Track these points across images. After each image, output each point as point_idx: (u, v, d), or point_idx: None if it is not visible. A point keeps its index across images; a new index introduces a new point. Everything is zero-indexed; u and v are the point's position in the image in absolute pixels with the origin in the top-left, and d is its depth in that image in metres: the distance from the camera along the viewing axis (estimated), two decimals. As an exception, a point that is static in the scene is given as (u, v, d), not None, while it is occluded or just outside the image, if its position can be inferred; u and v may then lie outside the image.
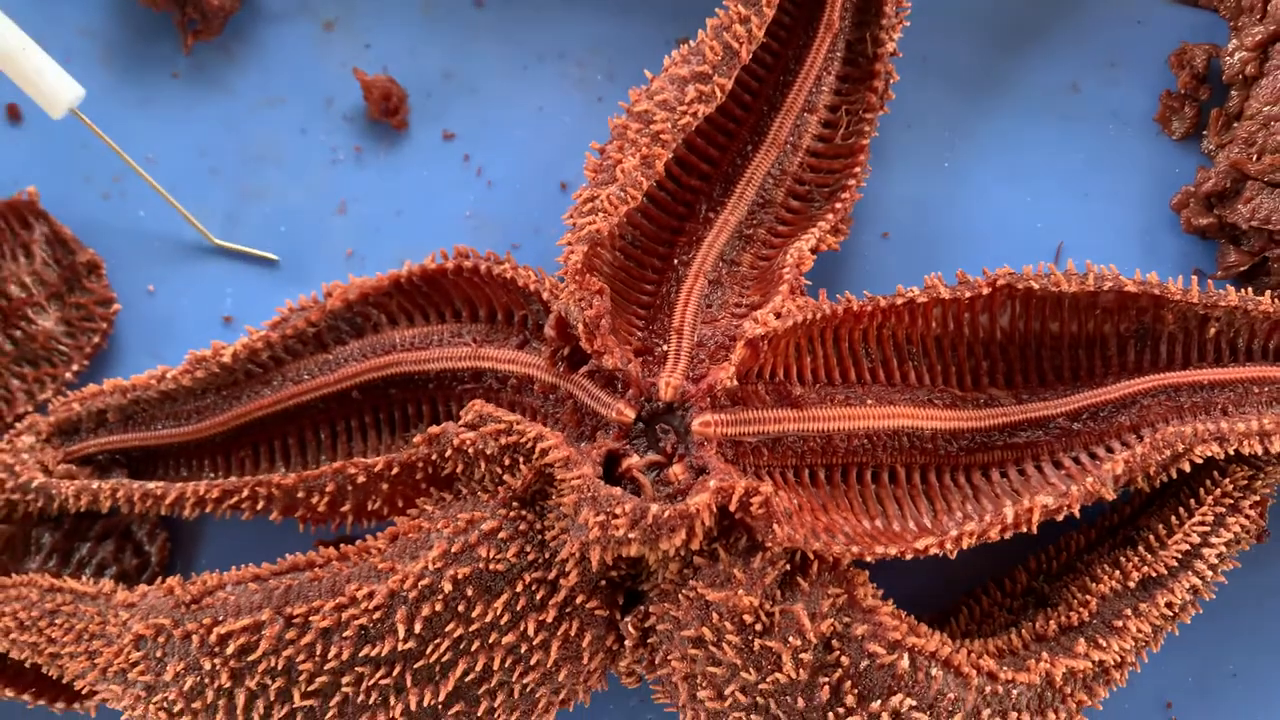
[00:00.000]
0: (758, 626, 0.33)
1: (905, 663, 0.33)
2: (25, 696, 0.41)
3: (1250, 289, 0.40)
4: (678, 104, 0.39)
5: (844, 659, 0.33)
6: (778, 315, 0.36)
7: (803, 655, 0.33)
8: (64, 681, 0.40)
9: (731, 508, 0.34)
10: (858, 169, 0.41)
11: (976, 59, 0.45)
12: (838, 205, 0.41)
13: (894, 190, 0.44)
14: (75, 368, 0.44)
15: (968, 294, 0.38)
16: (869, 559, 0.35)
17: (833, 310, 0.37)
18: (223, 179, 0.46)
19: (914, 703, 0.33)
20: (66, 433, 0.43)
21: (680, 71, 0.40)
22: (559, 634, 0.35)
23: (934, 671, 0.34)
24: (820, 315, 0.37)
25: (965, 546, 0.35)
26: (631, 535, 0.34)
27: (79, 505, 0.41)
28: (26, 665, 0.40)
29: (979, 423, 0.38)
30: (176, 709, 0.36)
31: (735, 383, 0.36)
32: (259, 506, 0.40)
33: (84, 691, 0.40)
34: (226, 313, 0.45)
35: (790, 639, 0.33)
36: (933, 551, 0.35)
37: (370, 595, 0.35)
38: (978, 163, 0.44)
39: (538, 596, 0.35)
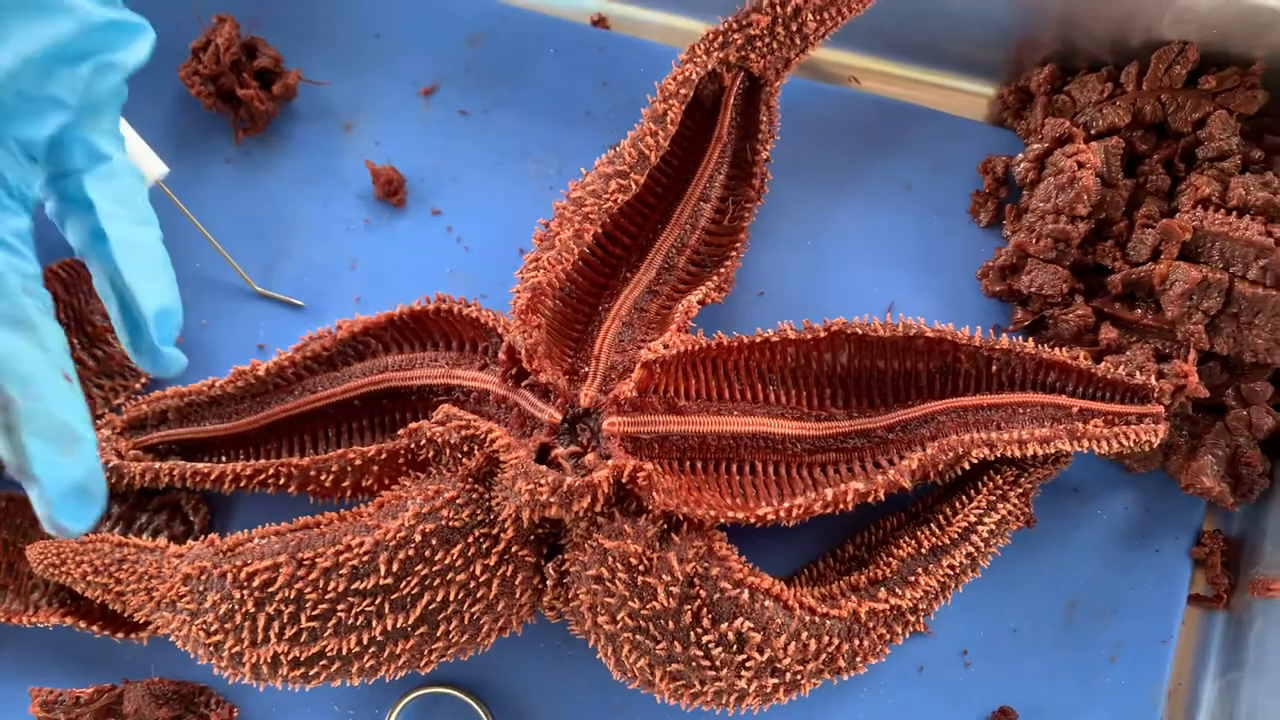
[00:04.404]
0: (640, 567, 0.44)
1: (746, 596, 0.45)
2: (94, 628, 0.50)
3: (1031, 338, 0.53)
4: (603, 193, 0.51)
5: (702, 592, 0.44)
6: (666, 346, 0.48)
7: (672, 589, 0.44)
8: (125, 615, 0.49)
9: (624, 480, 0.45)
10: (739, 244, 0.53)
11: (833, 163, 0.56)
12: (722, 270, 0.53)
13: (767, 261, 0.55)
14: (143, 380, 0.55)
15: (809, 336, 0.50)
16: (725, 522, 0.46)
17: (708, 344, 0.50)
18: (262, 241, 0.57)
19: (751, 625, 0.44)
20: (135, 428, 0.53)
21: (606, 170, 0.52)
22: (498, 575, 0.45)
23: (767, 603, 0.45)
24: (699, 348, 0.49)
25: (796, 517, 0.46)
26: (552, 500, 0.44)
27: (143, 482, 0.52)
28: (96, 604, 0.51)
29: (819, 432, 0.50)
30: (213, 629, 0.46)
31: (635, 395, 0.48)
32: (280, 483, 0.51)
33: (141, 623, 0.50)
34: (261, 341, 0.56)
35: (664, 577, 0.44)
36: (770, 519, 0.46)
37: (361, 544, 0.45)
38: (832, 242, 0.55)
39: (484, 546, 0.45)
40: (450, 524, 0.46)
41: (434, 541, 0.45)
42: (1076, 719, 0.50)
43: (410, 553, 0.45)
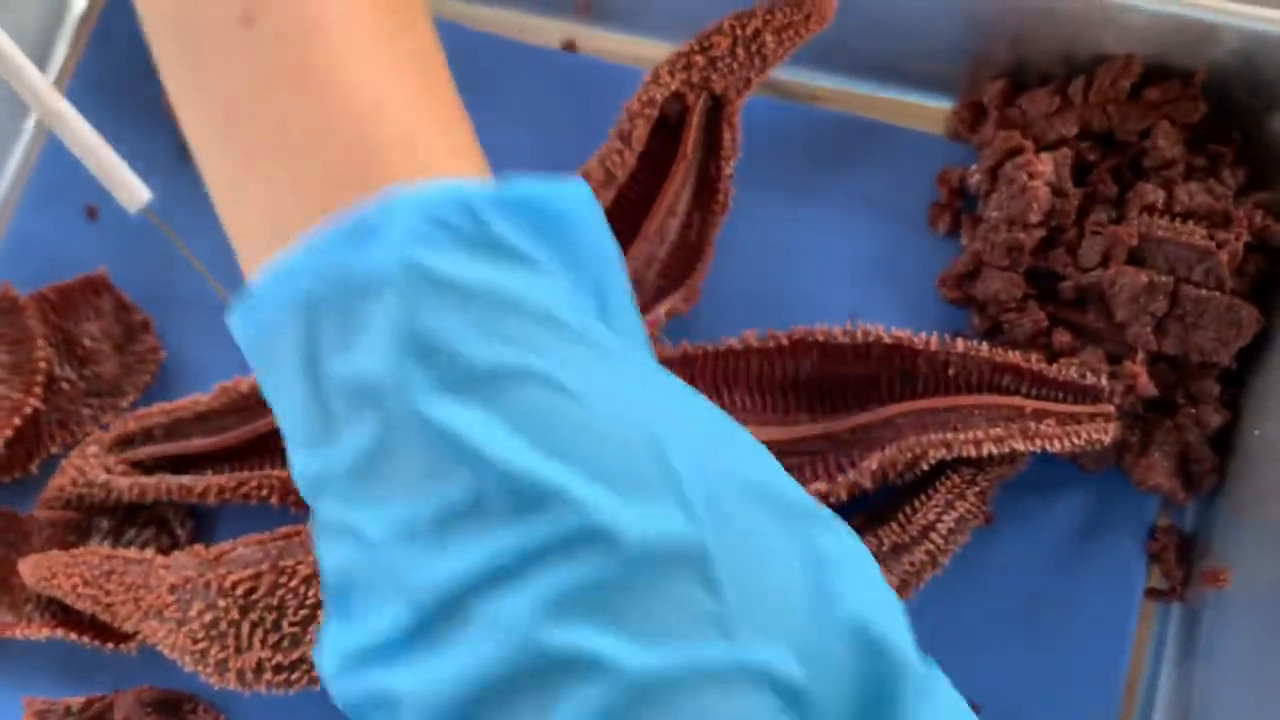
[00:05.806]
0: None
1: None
2: (85, 638, 0.52)
3: (987, 343, 0.54)
4: (572, 209, 0.54)
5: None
6: (633, 355, 0.51)
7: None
8: (114, 626, 0.52)
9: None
10: (705, 257, 0.55)
11: (795, 178, 0.58)
12: (689, 282, 0.55)
13: (732, 272, 0.56)
14: (131, 398, 0.57)
15: (772, 344, 0.52)
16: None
17: (675, 354, 0.52)
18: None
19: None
20: (123, 444, 0.55)
21: (575, 187, 0.55)
22: (474, 579, 0.49)
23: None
24: (666, 358, 0.52)
25: (760, 517, 0.49)
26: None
27: (131, 497, 0.53)
28: (87, 615, 0.52)
29: (784, 436, 0.52)
30: (198, 636, 0.47)
31: (604, 403, 0.50)
32: (262, 494, 0.52)
33: (130, 633, 0.52)
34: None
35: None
36: (735, 519, 0.49)
37: (341, 551, 0.49)
38: (795, 253, 0.57)
39: (459, 552, 0.49)
40: (426, 530, 0.47)
41: (411, 548, 0.47)
42: (1038, 711, 0.52)
43: (388, 559, 0.47)
